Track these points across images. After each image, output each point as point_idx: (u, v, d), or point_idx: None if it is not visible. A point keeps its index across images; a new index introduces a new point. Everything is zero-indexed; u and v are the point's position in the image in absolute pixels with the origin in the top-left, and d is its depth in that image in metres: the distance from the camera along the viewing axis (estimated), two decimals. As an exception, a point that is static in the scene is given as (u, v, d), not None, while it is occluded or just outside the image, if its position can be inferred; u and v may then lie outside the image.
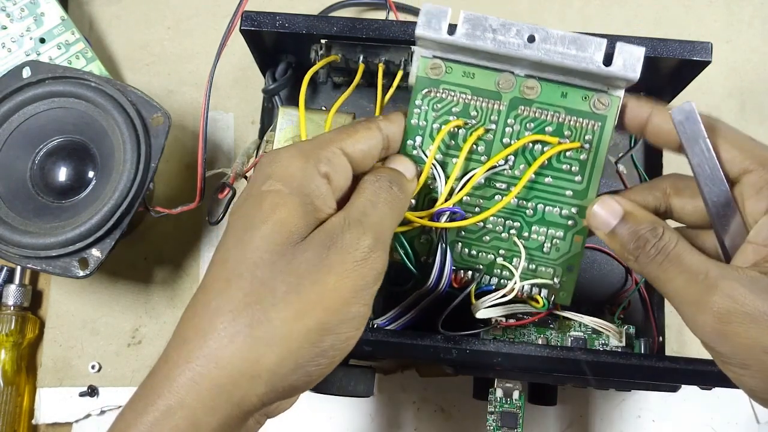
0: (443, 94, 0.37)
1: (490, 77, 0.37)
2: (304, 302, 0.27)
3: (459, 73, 0.37)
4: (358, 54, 0.43)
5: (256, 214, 0.28)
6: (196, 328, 0.27)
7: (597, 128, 0.36)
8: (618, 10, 0.56)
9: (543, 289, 0.38)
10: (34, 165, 0.44)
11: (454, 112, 0.37)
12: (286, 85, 0.47)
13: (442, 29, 0.35)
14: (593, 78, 0.35)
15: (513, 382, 0.39)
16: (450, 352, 0.36)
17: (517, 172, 0.37)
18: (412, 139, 0.37)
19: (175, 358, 0.27)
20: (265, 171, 0.30)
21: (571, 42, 0.34)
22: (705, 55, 0.39)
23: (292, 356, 0.27)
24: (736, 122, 0.53)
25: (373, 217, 0.30)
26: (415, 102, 0.37)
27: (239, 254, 0.28)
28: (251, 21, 0.42)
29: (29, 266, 0.42)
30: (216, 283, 0.28)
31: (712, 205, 0.31)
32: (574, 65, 0.34)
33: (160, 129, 0.43)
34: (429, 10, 0.35)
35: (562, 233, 0.37)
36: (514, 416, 0.39)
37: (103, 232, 0.41)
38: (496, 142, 0.37)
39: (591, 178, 0.37)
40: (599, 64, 0.34)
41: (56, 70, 0.44)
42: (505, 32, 0.34)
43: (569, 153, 0.36)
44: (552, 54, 0.34)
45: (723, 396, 0.49)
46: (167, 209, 0.44)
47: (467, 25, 0.35)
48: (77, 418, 0.49)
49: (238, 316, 0.26)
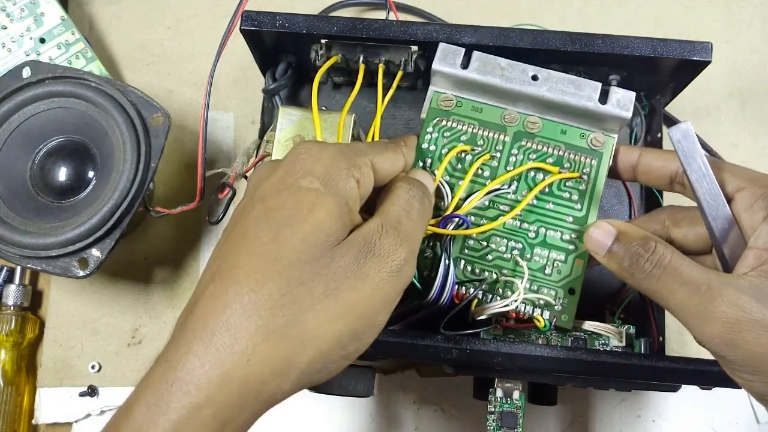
0: (453, 123, 0.40)
1: (496, 112, 0.40)
2: (341, 306, 0.27)
3: (468, 107, 0.40)
4: (359, 54, 0.43)
5: (296, 213, 0.28)
6: (227, 322, 0.26)
7: (594, 163, 0.39)
8: (618, 10, 0.56)
9: (545, 311, 0.38)
10: (34, 165, 0.44)
11: (462, 140, 0.40)
12: (286, 85, 0.47)
13: (457, 64, 0.39)
14: (590, 117, 0.39)
15: (513, 381, 0.39)
16: (450, 352, 0.36)
17: (519, 196, 0.39)
18: (422, 160, 0.40)
19: (201, 352, 0.25)
20: (305, 165, 0.29)
21: (570, 82, 0.38)
22: (705, 55, 0.40)
23: (322, 357, 0.27)
24: (736, 122, 0.53)
25: (408, 227, 0.30)
26: (427, 129, 0.40)
27: (277, 251, 0.27)
28: (251, 21, 0.42)
29: (29, 266, 0.42)
30: (250, 276, 0.26)
31: (712, 219, 0.32)
32: (573, 102, 0.38)
33: (160, 129, 0.43)
34: (445, 48, 0.39)
35: (563, 256, 0.39)
36: (514, 416, 0.39)
37: (103, 232, 0.41)
38: (501, 168, 0.40)
39: (590, 206, 0.39)
40: (596, 101, 0.38)
41: (56, 70, 0.44)
42: (512, 70, 0.39)
43: (569, 183, 0.39)
44: (554, 91, 0.38)
45: (723, 396, 0.49)
46: (167, 209, 0.44)
47: (479, 62, 0.39)
48: (77, 418, 0.49)
49: (275, 314, 0.26)
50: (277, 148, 0.42)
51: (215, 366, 0.25)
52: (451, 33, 0.41)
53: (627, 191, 0.47)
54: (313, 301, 0.27)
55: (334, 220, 0.28)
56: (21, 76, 0.44)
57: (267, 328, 0.26)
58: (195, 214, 0.47)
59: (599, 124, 0.39)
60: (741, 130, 0.53)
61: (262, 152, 0.43)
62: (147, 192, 0.43)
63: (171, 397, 0.25)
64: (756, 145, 0.53)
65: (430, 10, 0.55)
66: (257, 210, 0.28)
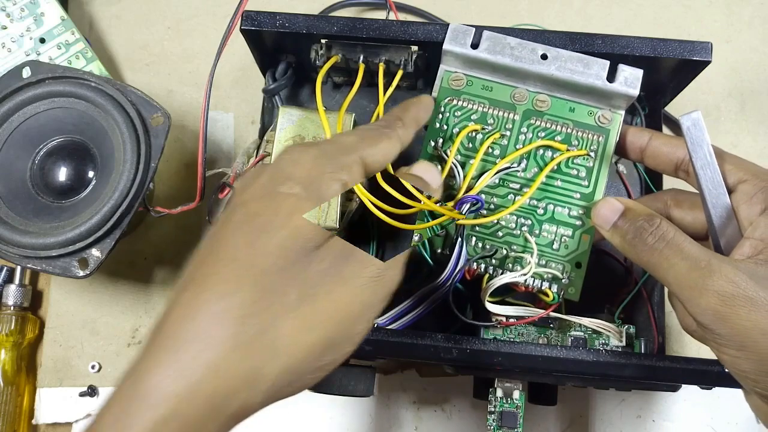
0: (464, 103, 0.41)
1: (506, 91, 0.41)
2: (316, 313, 0.26)
3: (478, 86, 0.41)
4: (359, 54, 0.43)
5: (272, 219, 0.27)
6: (195, 330, 0.25)
7: (601, 140, 0.40)
8: (618, 10, 0.56)
9: (553, 284, 0.40)
10: (34, 165, 0.44)
11: (473, 119, 0.41)
12: (286, 85, 0.47)
13: (467, 44, 0.39)
14: (598, 95, 0.39)
15: (513, 381, 0.40)
16: (450, 352, 0.36)
17: (529, 174, 0.40)
18: (434, 140, 0.41)
19: (167, 364, 0.24)
20: (286, 170, 0.29)
21: (578, 60, 0.39)
22: (705, 55, 0.40)
23: (294, 368, 0.26)
24: (736, 122, 0.53)
25: None
26: (438, 109, 0.41)
27: (251, 257, 0.26)
28: (251, 21, 0.42)
29: (29, 266, 0.42)
30: (222, 285, 0.26)
31: (711, 207, 0.33)
32: (581, 80, 0.39)
33: (160, 129, 0.43)
34: (455, 29, 0.40)
35: (570, 232, 0.40)
36: (514, 416, 0.39)
37: (103, 232, 0.41)
38: (510, 146, 0.41)
39: (597, 183, 0.40)
40: (603, 80, 0.38)
41: (56, 70, 0.44)
42: (521, 49, 0.39)
43: (577, 160, 0.40)
44: (563, 70, 0.39)
45: (723, 396, 0.49)
46: (167, 209, 0.44)
47: (488, 42, 0.39)
48: (77, 418, 0.49)
49: (245, 323, 0.25)
50: (277, 148, 0.42)
51: (181, 378, 0.24)
52: None
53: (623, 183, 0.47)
54: (287, 308, 0.26)
55: (312, 224, 0.27)
56: (21, 76, 0.44)
57: (236, 337, 0.25)
58: (195, 214, 0.47)
59: (607, 100, 0.40)
60: (741, 130, 0.53)
61: (262, 152, 0.43)
62: (147, 192, 0.43)
63: (136, 410, 0.24)
64: (756, 145, 0.53)
65: (431, 10, 0.55)
66: (237, 216, 0.28)
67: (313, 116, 0.42)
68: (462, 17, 0.55)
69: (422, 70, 0.44)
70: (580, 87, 0.39)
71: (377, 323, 0.40)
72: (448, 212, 0.38)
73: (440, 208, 0.38)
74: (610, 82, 0.38)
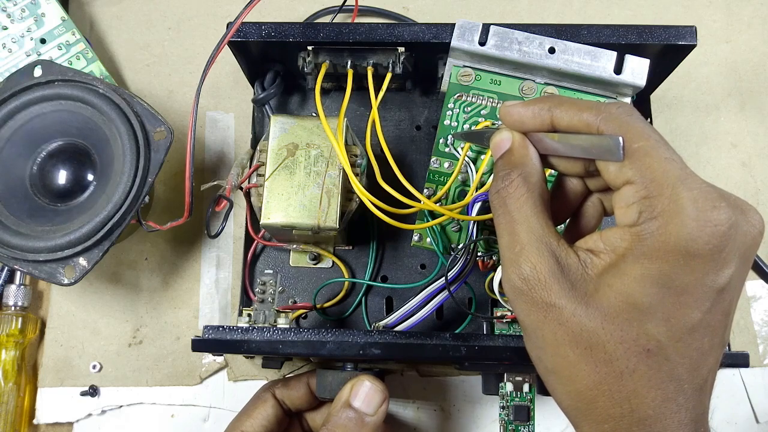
0: (473, 98, 0.41)
1: (514, 84, 0.41)
2: None
3: (487, 81, 0.41)
4: (346, 59, 0.43)
5: None
6: None
7: None
8: (618, 10, 0.56)
9: None
10: (35, 165, 0.44)
11: (483, 114, 0.41)
12: (275, 94, 0.47)
13: (474, 41, 0.39)
14: (605, 86, 0.40)
15: (522, 375, 0.40)
16: (459, 350, 0.37)
17: None
18: (444, 137, 0.42)
19: None
20: None
21: (587, 53, 0.39)
22: (690, 39, 0.40)
23: None
24: (736, 122, 0.53)
25: None
26: (448, 105, 0.41)
27: None
28: (238, 32, 0.41)
29: (16, 267, 0.42)
30: None
31: None
32: (589, 73, 0.39)
33: (161, 144, 0.43)
34: (462, 25, 0.40)
35: None
36: (526, 409, 0.39)
37: (92, 243, 0.41)
38: None
39: None
40: (611, 72, 0.39)
41: (67, 72, 0.44)
42: (529, 44, 0.39)
43: None
44: (570, 63, 0.39)
45: (723, 396, 0.49)
46: (159, 225, 0.43)
47: (496, 37, 0.39)
48: (78, 418, 0.49)
49: None
50: (270, 156, 0.41)
51: None
52: (437, 32, 0.41)
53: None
54: None
55: None
56: (32, 75, 0.44)
57: None
58: (195, 214, 0.47)
59: (614, 89, 0.40)
60: (741, 130, 0.53)
61: (256, 162, 0.43)
62: (141, 205, 0.43)
63: None
64: (756, 145, 0.53)
65: (430, 10, 0.55)
66: None
67: (304, 123, 0.42)
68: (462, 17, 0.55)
69: (410, 70, 0.44)
70: (589, 78, 0.39)
71: (384, 325, 0.40)
72: (448, 212, 0.38)
73: (440, 208, 0.38)
74: (618, 74, 0.39)
